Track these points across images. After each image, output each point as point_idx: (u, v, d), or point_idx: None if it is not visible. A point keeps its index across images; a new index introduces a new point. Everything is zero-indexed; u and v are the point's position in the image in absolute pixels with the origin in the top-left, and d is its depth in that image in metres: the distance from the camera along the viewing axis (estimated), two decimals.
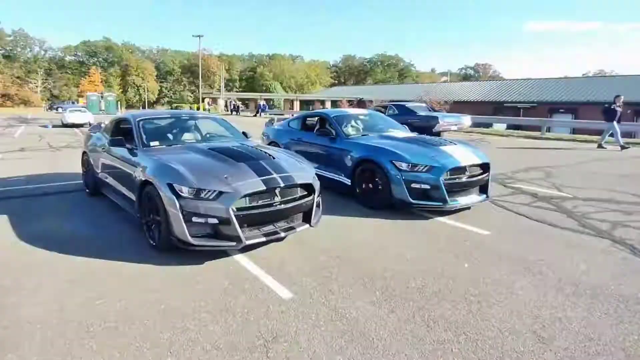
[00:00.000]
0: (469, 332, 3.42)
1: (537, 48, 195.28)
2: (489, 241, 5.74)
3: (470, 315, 3.71)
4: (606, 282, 4.43)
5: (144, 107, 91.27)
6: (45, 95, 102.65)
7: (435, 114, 21.71)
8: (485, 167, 7.34)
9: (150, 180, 5.14)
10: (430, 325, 3.54)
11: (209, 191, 4.71)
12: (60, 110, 50.60)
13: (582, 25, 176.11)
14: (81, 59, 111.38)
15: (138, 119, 6.75)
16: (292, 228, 5.28)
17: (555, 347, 3.23)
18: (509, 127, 31.27)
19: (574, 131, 27.76)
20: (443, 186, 6.59)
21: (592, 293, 4.17)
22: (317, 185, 5.64)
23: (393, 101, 30.31)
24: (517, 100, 44.08)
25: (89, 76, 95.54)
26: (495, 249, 5.43)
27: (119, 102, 68.05)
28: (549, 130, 25.56)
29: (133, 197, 5.82)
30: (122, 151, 6.33)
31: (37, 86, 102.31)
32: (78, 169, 9.29)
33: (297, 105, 66.28)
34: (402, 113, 20.49)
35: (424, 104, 25.93)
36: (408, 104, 23.17)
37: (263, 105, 54.37)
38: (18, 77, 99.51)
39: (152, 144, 6.31)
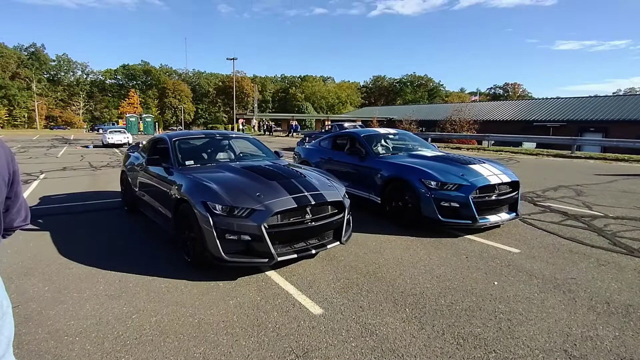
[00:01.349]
0: (499, 350, 3.42)
1: (566, 67, 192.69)
2: (518, 259, 5.69)
3: (500, 333, 3.70)
4: (638, 301, 4.36)
5: (182, 128, 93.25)
6: (87, 116, 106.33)
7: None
8: (514, 185, 7.29)
9: (185, 198, 5.28)
10: (460, 343, 3.54)
11: (241, 209, 4.82)
12: (100, 131, 52.18)
13: (610, 43, 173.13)
14: (121, 82, 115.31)
15: (174, 139, 6.98)
16: (323, 245, 5.32)
17: None
18: (539, 145, 30.90)
19: (605, 150, 27.26)
20: (472, 204, 6.57)
21: (624, 312, 4.11)
22: (347, 203, 5.69)
23: (335, 121, 43.97)
24: (546, 119, 43.80)
25: (128, 98, 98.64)
26: (525, 267, 5.39)
27: (156, 123, 69.69)
28: (579, 148, 25.19)
29: (169, 215, 5.99)
30: (158, 170, 6.54)
31: (79, 108, 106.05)
32: (117, 187, 9.64)
33: (328, 125, 66.30)
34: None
35: (358, 123, 35.18)
36: (345, 124, 31.40)
37: (295, 125, 55.14)
38: (62, 100, 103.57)
39: (187, 163, 6.50)
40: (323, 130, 32.85)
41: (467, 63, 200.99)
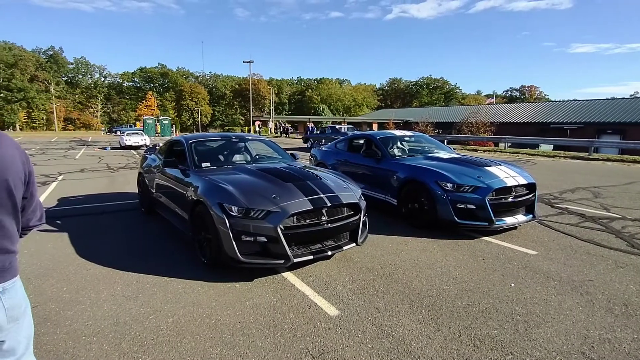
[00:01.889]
0: (516, 352, 3.40)
1: (583, 69, 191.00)
2: (535, 261, 5.65)
3: (517, 335, 3.68)
4: None
5: (197, 130, 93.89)
6: (105, 119, 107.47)
7: (349, 131, 30.79)
8: (531, 187, 7.25)
9: (202, 199, 5.32)
10: (476, 345, 3.53)
11: (257, 210, 4.83)
12: (118, 133, 52.73)
13: (627, 46, 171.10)
14: (138, 85, 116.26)
15: (190, 142, 7.04)
16: (339, 247, 5.32)
17: None
18: (556, 147, 30.60)
19: (622, 152, 26.98)
20: (489, 206, 6.55)
21: None
22: (363, 204, 5.69)
23: (350, 124, 47.75)
24: (563, 121, 43.12)
25: (146, 101, 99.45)
26: (543, 268, 5.35)
27: (173, 126, 70.16)
28: (596, 150, 24.87)
29: (185, 216, 6.04)
30: (175, 172, 6.58)
31: (97, 110, 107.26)
32: (134, 188, 9.73)
33: (344, 127, 66.58)
34: (333, 131, 32.83)
35: (347, 125, 37.91)
36: (336, 126, 36.45)
37: (312, 127, 55.21)
38: (80, 102, 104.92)
39: (203, 165, 6.54)
40: (318, 132, 37.87)
41: (483, 66, 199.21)
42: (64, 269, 5.43)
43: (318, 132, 38.00)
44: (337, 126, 36.34)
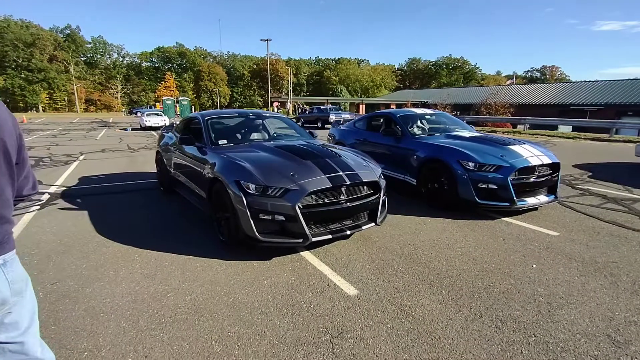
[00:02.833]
0: (539, 334, 3.33)
1: (606, 49, 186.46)
2: (557, 242, 5.54)
3: (540, 317, 3.60)
4: None
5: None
6: (125, 100, 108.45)
7: (331, 111, 36.60)
8: (555, 167, 7.09)
9: (219, 177, 5.24)
10: (498, 326, 3.46)
11: (275, 188, 4.74)
12: (138, 114, 53.26)
13: None
14: (156, 65, 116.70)
15: (207, 118, 6.95)
16: (358, 226, 5.21)
17: (632, 351, 3.10)
18: (575, 129, 30.10)
19: None
20: (511, 186, 6.43)
21: None
22: (383, 184, 5.57)
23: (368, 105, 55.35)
24: (583, 102, 42.38)
25: (165, 82, 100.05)
26: (565, 250, 5.24)
27: (192, 106, 70.42)
28: (616, 132, 24.33)
29: (203, 194, 6.00)
30: (192, 149, 6.52)
31: (117, 92, 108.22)
32: (153, 168, 9.82)
33: (362, 108, 67.99)
34: (318, 111, 37.72)
35: (332, 106, 42.46)
36: (321, 107, 41.13)
37: (303, 109, 55.87)
38: (100, 83, 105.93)
39: (220, 142, 6.46)
40: (307, 112, 42.82)
41: (504, 45, 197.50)
42: (84, 246, 5.47)
43: (307, 112, 42.77)
44: (322, 107, 40.85)
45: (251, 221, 4.71)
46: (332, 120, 33.30)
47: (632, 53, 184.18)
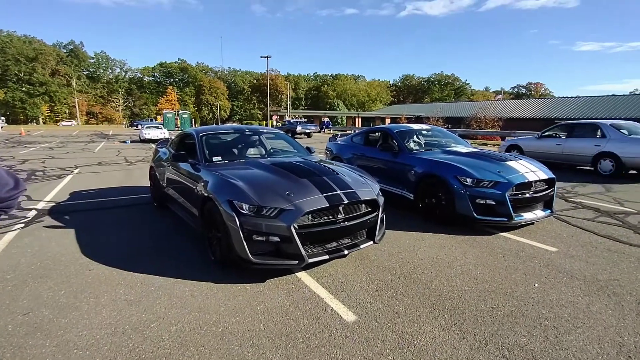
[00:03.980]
0: None
1: (587, 67, 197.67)
2: (557, 258, 5.43)
3: (548, 343, 3.42)
4: None
5: (216, 124, 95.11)
6: (127, 113, 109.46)
7: (298, 124, 42.89)
8: (550, 182, 7.09)
9: (211, 196, 5.07)
10: (505, 355, 3.26)
11: (270, 208, 4.56)
12: (139, 127, 53.57)
13: (629, 44, 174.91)
14: (158, 79, 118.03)
15: (201, 135, 6.79)
16: (355, 245, 5.04)
17: None
18: None
19: None
20: (509, 202, 6.37)
21: None
22: (381, 201, 5.41)
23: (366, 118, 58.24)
24: (566, 117, 44.84)
25: (166, 95, 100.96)
26: (565, 267, 5.13)
27: (193, 120, 70.57)
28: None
29: (195, 212, 5.81)
30: (185, 166, 6.36)
31: (118, 105, 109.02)
32: (148, 182, 9.60)
33: (358, 122, 70.58)
34: (289, 124, 43.07)
35: (299, 120, 48.18)
36: (292, 120, 47.39)
37: (327, 122, 56.52)
38: (101, 97, 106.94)
39: (214, 159, 6.29)
40: (278, 124, 48.32)
41: (492, 63, 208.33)
42: (65, 269, 5.15)
43: (279, 125, 48.26)
44: (291, 120, 47.30)
45: (244, 242, 4.52)
46: (299, 131, 40.58)
47: (611, 72, 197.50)
